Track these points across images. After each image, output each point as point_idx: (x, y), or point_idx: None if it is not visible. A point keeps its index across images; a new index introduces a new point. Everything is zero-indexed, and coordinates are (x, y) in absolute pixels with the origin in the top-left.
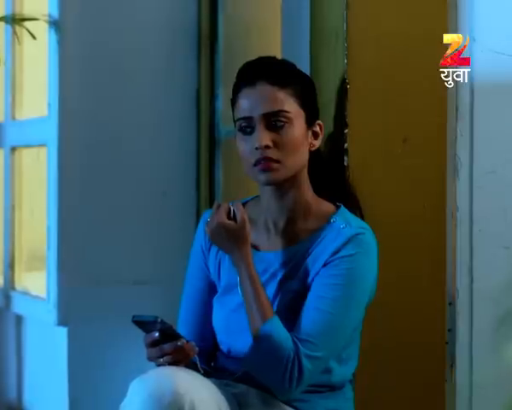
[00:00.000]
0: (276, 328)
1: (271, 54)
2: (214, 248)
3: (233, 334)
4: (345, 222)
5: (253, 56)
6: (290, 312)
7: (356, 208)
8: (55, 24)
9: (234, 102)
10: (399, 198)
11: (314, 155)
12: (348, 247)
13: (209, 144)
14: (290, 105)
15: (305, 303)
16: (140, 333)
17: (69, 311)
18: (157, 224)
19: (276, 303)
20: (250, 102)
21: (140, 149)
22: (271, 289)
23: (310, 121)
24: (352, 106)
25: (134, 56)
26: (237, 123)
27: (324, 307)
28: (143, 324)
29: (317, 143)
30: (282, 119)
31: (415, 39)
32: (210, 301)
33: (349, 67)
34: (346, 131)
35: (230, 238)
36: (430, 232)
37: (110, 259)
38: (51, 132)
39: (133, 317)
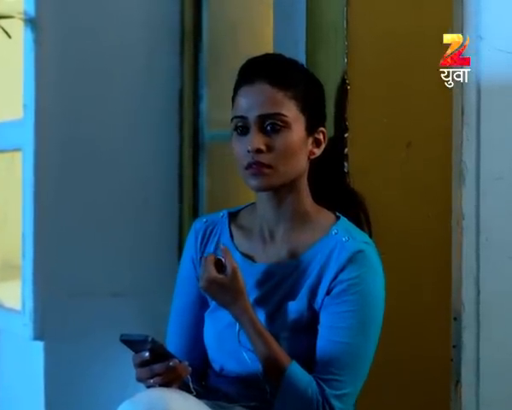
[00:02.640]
0: (297, 375)
1: (264, 52)
2: None
3: (226, 352)
4: (347, 234)
5: (240, 55)
6: (292, 334)
7: (364, 220)
8: (31, 22)
9: (233, 99)
10: (402, 206)
11: (316, 163)
12: (353, 267)
13: (193, 148)
14: (289, 109)
15: (319, 337)
16: (123, 348)
17: (46, 324)
18: (138, 233)
19: (275, 323)
20: (247, 102)
21: (120, 153)
22: (268, 306)
23: (311, 128)
24: (353, 108)
25: (113, 55)
26: (233, 122)
27: (341, 338)
28: (132, 343)
29: (318, 152)
30: (279, 122)
31: (419, 38)
32: (201, 316)
33: (349, 66)
34: (346, 135)
35: (224, 292)
36: (434, 242)
37: (89, 269)
38: (27, 136)
39: (121, 336)
